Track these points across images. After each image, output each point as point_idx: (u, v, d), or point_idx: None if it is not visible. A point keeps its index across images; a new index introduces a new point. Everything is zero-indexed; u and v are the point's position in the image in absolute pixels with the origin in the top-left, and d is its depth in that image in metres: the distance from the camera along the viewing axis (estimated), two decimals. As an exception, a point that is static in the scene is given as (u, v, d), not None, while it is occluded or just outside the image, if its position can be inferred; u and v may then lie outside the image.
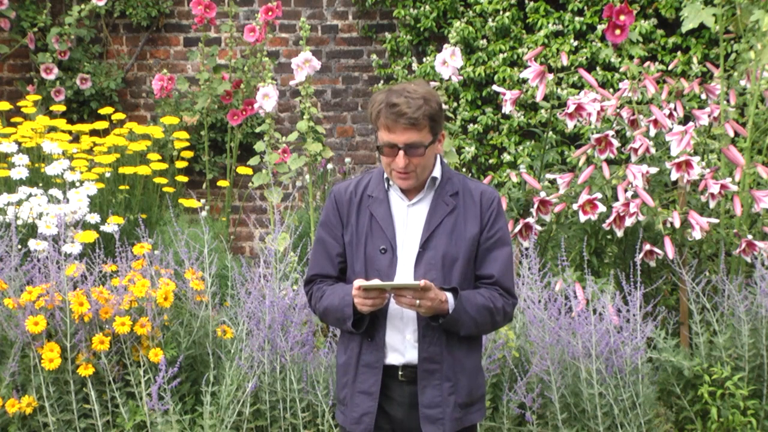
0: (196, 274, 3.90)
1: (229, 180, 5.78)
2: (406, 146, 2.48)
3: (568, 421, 3.56)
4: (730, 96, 4.26)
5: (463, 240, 2.57)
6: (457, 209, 2.60)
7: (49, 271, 3.72)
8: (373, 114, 2.52)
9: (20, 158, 4.79)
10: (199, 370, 3.83)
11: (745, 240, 3.92)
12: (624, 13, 4.12)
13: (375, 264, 2.57)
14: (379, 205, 2.61)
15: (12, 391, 3.60)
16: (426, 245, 2.56)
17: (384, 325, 2.57)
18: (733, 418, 3.65)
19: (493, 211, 2.62)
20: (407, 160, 2.49)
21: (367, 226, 2.60)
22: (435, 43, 6.25)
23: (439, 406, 2.56)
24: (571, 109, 4.18)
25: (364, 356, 2.58)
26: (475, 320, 2.54)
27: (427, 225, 2.57)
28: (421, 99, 2.48)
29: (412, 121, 2.46)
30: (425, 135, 2.50)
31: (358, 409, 2.58)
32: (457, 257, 2.56)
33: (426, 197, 2.61)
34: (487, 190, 2.66)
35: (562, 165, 5.33)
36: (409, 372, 2.57)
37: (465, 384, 2.60)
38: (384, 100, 2.48)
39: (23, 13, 6.22)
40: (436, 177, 2.60)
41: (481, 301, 2.55)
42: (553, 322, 3.57)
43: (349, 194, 2.66)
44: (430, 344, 2.55)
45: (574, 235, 4.31)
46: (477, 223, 2.59)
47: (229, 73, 5.75)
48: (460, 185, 2.63)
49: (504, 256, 2.61)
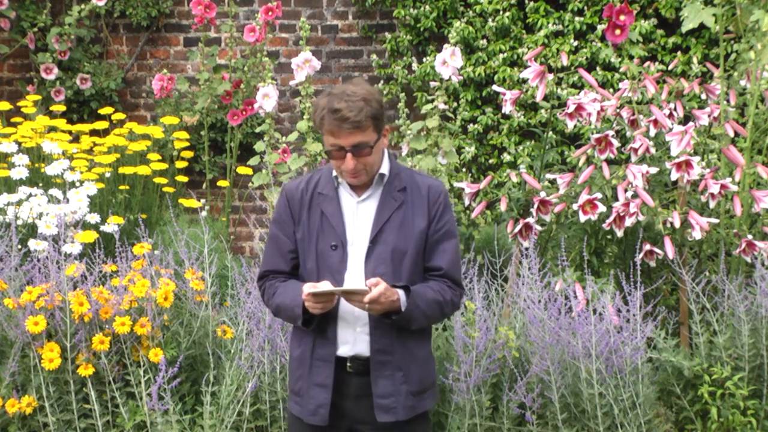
0: (196, 274, 3.90)
1: (229, 180, 5.78)
2: (353, 147, 2.56)
3: (568, 421, 3.56)
4: (730, 96, 4.26)
5: (411, 234, 2.65)
6: (405, 204, 2.68)
7: (49, 271, 3.72)
8: (317, 120, 2.59)
9: (20, 158, 4.79)
10: (199, 370, 3.83)
11: (745, 240, 3.92)
12: (624, 13, 4.12)
13: (326, 260, 2.64)
14: (330, 202, 2.69)
15: (12, 391, 3.60)
16: (376, 240, 2.64)
17: (335, 320, 2.64)
18: (733, 418, 3.65)
19: (440, 204, 2.70)
20: (355, 161, 2.57)
21: (318, 224, 2.68)
22: (435, 43, 6.25)
23: (392, 396, 2.64)
24: (571, 109, 4.18)
25: (318, 350, 2.66)
26: (426, 314, 2.63)
27: (377, 220, 2.65)
28: (362, 101, 2.56)
29: (356, 125, 2.53)
30: (370, 134, 2.58)
31: (314, 401, 2.66)
32: (406, 251, 2.64)
33: (375, 193, 2.69)
34: (434, 184, 2.74)
35: (562, 165, 5.33)
36: (357, 364, 2.65)
37: (416, 373, 2.69)
38: (326, 106, 2.56)
39: (23, 13, 6.23)
40: (384, 173, 2.68)
41: (432, 296, 2.64)
42: (553, 322, 3.57)
43: (300, 192, 2.74)
44: (382, 336, 2.63)
45: (574, 235, 4.31)
46: (425, 217, 2.68)
47: (229, 73, 5.75)
48: (408, 180, 2.72)
49: (451, 248, 2.71)
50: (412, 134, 4.58)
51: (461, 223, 4.93)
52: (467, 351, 3.54)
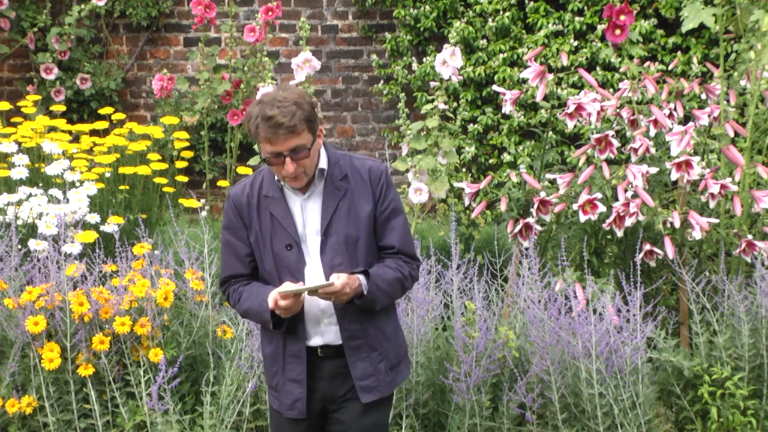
0: (196, 274, 3.91)
1: (229, 180, 5.78)
2: (291, 152, 2.57)
3: (568, 421, 3.56)
4: (730, 96, 4.26)
5: (360, 219, 2.69)
6: (348, 191, 2.71)
7: (49, 271, 3.72)
8: (252, 129, 2.59)
9: (20, 158, 4.79)
10: (199, 370, 3.83)
11: (745, 240, 3.92)
12: (624, 13, 4.12)
13: (284, 261, 2.68)
14: (277, 204, 2.71)
15: (12, 391, 3.60)
16: (327, 232, 2.67)
17: (303, 318, 2.68)
18: (733, 418, 3.65)
19: (382, 184, 2.74)
20: (295, 164, 2.59)
21: (269, 226, 2.71)
22: (435, 43, 6.26)
23: (372, 375, 2.71)
24: (571, 109, 4.18)
25: (289, 347, 2.71)
26: (388, 293, 2.69)
27: (324, 213, 2.68)
28: (294, 105, 2.56)
29: (290, 129, 2.54)
30: (306, 137, 2.59)
31: (291, 396, 2.72)
32: (358, 236, 2.68)
33: (318, 188, 2.71)
34: (374, 165, 2.77)
35: (562, 165, 5.33)
36: (327, 350, 2.70)
37: (390, 348, 2.76)
38: (259, 114, 2.56)
39: (23, 13, 6.23)
40: (323, 168, 2.71)
41: (391, 275, 2.69)
42: (553, 322, 3.57)
43: (246, 196, 2.77)
44: (351, 322, 2.68)
45: (574, 235, 4.31)
46: (370, 200, 2.72)
47: (229, 73, 5.76)
48: (348, 167, 2.74)
49: (400, 224, 2.75)
50: (412, 134, 4.59)
51: (461, 223, 4.93)
52: (467, 351, 3.54)
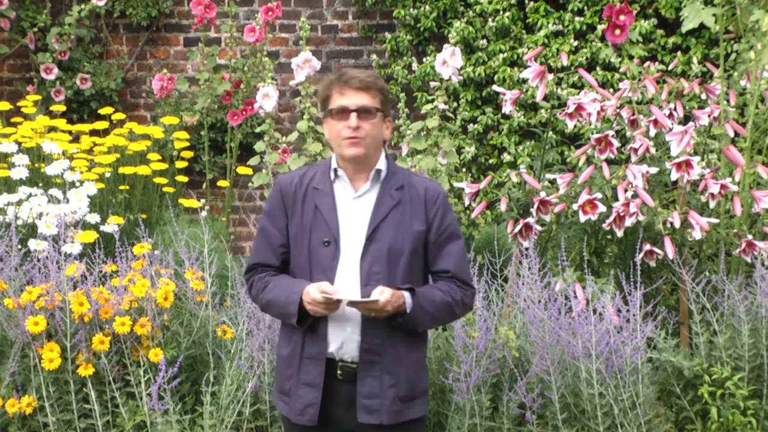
0: (196, 274, 3.90)
1: (229, 180, 5.78)
2: (358, 109, 2.55)
3: (568, 421, 3.56)
4: (730, 96, 4.26)
5: (408, 234, 2.60)
6: (402, 203, 2.63)
7: (49, 271, 3.72)
8: (325, 90, 2.61)
9: (20, 158, 4.79)
10: (199, 370, 3.83)
11: (745, 240, 3.92)
12: (624, 13, 4.12)
13: (318, 257, 2.59)
14: (324, 197, 2.64)
15: (12, 391, 3.60)
16: (372, 237, 2.58)
17: (326, 320, 2.59)
18: (733, 418, 3.64)
19: (439, 206, 2.66)
20: (358, 122, 2.54)
21: (311, 218, 2.63)
22: (435, 43, 6.25)
23: (377, 397, 2.58)
24: (571, 109, 4.18)
25: (308, 348, 2.60)
26: (434, 316, 2.59)
27: (373, 217, 2.60)
28: (373, 75, 2.60)
29: (364, 84, 2.55)
30: (375, 102, 2.58)
31: (303, 401, 2.60)
32: (402, 250, 2.59)
33: (371, 190, 2.64)
34: (432, 185, 2.70)
35: (562, 165, 5.33)
36: (347, 371, 2.60)
37: (406, 378, 2.63)
38: (336, 76, 2.61)
39: (23, 13, 6.23)
40: (380, 169, 2.64)
41: (440, 297, 2.59)
42: (553, 322, 3.57)
43: (294, 186, 2.69)
44: (373, 336, 2.58)
45: (574, 235, 4.31)
46: (422, 220, 2.63)
47: (229, 73, 5.75)
48: (405, 180, 2.68)
49: (457, 250, 2.67)
50: (412, 134, 4.58)
51: (461, 223, 4.93)
52: (467, 351, 3.54)
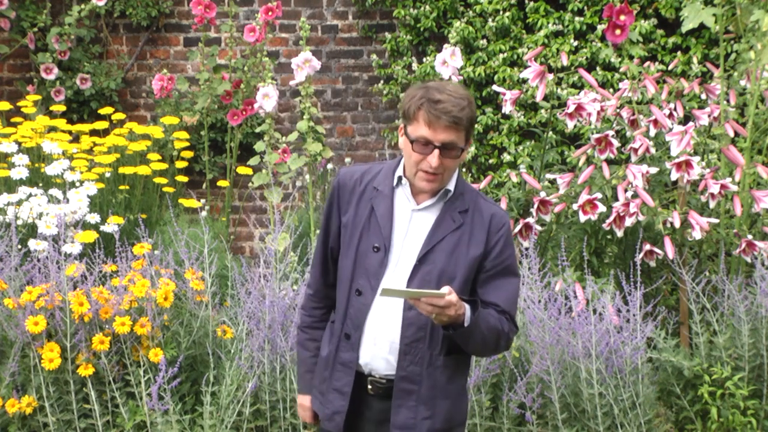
0: (196, 274, 3.90)
1: (229, 180, 5.78)
2: (443, 146, 2.35)
3: (568, 421, 3.56)
4: (730, 96, 4.26)
5: (464, 260, 2.45)
6: (463, 227, 2.46)
7: (49, 271, 3.72)
8: (412, 109, 2.38)
9: (20, 158, 4.79)
10: (199, 370, 3.83)
11: (745, 240, 3.92)
12: (624, 13, 4.12)
13: (365, 261, 2.45)
14: (383, 200, 2.48)
15: (12, 391, 3.60)
16: (424, 259, 2.44)
17: (362, 328, 2.47)
18: (733, 418, 3.65)
19: (501, 236, 2.48)
20: (440, 160, 2.36)
21: (365, 220, 2.48)
22: (435, 43, 6.25)
23: (410, 429, 2.46)
24: (571, 109, 4.18)
25: (341, 354, 2.50)
26: (485, 338, 2.42)
27: (429, 238, 2.45)
28: (465, 100, 2.37)
29: (455, 120, 2.34)
30: (461, 138, 2.38)
31: (331, 407, 2.52)
32: (454, 276, 2.44)
33: (434, 207, 2.48)
34: (498, 213, 2.52)
35: (562, 165, 5.33)
36: (377, 387, 2.49)
37: (444, 409, 2.49)
38: (425, 96, 2.37)
39: (23, 13, 6.23)
40: (449, 189, 2.48)
41: (494, 322, 2.42)
42: (553, 322, 3.57)
43: (354, 181, 2.54)
44: (411, 363, 2.44)
45: (574, 235, 4.31)
46: (481, 245, 2.47)
47: (229, 73, 5.75)
48: (472, 203, 2.50)
49: (511, 287, 2.50)
50: (412, 134, 4.57)
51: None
52: (467, 351, 3.54)
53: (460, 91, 2.39)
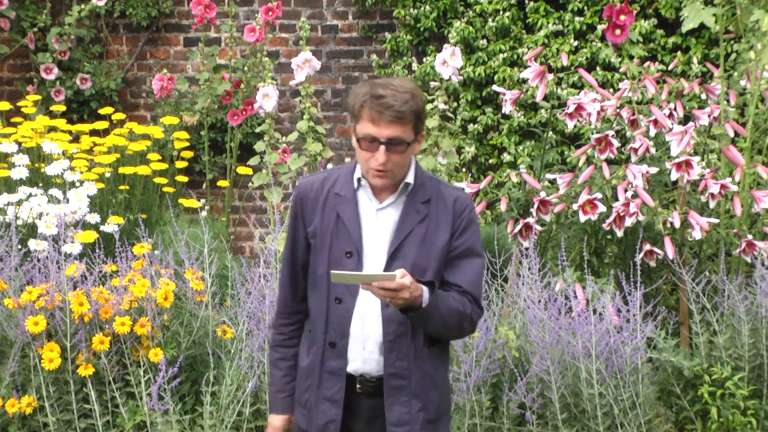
0: (196, 274, 3.90)
1: (229, 180, 5.78)
2: (388, 141, 2.38)
3: (568, 421, 3.56)
4: (730, 96, 4.26)
5: (433, 250, 2.48)
6: (428, 217, 2.49)
7: (49, 271, 3.72)
8: (356, 106, 2.40)
9: (20, 158, 4.79)
10: (199, 370, 3.83)
11: (745, 240, 3.92)
12: (624, 13, 4.12)
13: (339, 268, 2.45)
14: (347, 204, 2.50)
15: (12, 391, 3.60)
16: (395, 254, 2.46)
17: (347, 333, 2.47)
18: (733, 418, 3.65)
19: (464, 218, 2.52)
20: (387, 156, 2.39)
21: (332, 227, 2.49)
22: (435, 43, 6.25)
23: (407, 424, 2.47)
24: (571, 109, 4.18)
25: (329, 362, 2.49)
26: (445, 321, 2.44)
27: (397, 233, 2.47)
28: (408, 94, 2.38)
29: (398, 115, 2.35)
30: (408, 132, 2.40)
31: (324, 417, 2.50)
32: (426, 268, 2.46)
33: (397, 202, 2.51)
34: (461, 196, 2.56)
35: (562, 165, 5.33)
36: (366, 385, 2.50)
37: (434, 399, 2.53)
38: (369, 92, 2.38)
39: (23, 13, 6.23)
40: (409, 182, 2.50)
41: (454, 304, 2.45)
42: (553, 322, 3.57)
43: (314, 191, 2.54)
44: (397, 359, 2.46)
45: (574, 235, 4.31)
46: (448, 230, 2.50)
47: (229, 73, 5.75)
48: (434, 191, 2.53)
49: (474, 268, 2.53)
50: (412, 134, 4.57)
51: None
52: (467, 351, 3.54)
53: (405, 85, 2.40)
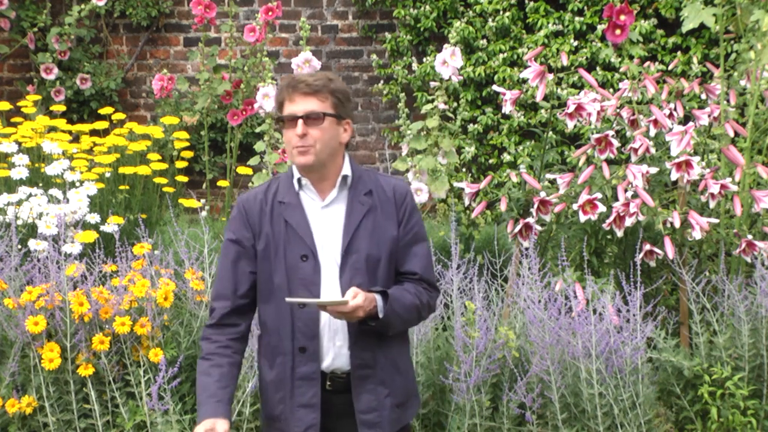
0: (196, 274, 3.91)
1: (229, 180, 5.78)
2: (306, 115, 2.46)
3: (568, 421, 3.56)
4: (730, 96, 4.26)
5: (384, 240, 2.54)
6: (373, 208, 2.55)
7: (49, 271, 3.72)
8: (278, 99, 2.52)
9: (20, 158, 4.79)
10: (199, 370, 3.82)
11: (745, 240, 3.92)
12: (624, 12, 4.12)
13: (298, 273, 2.49)
14: (293, 210, 2.53)
15: (12, 391, 3.60)
16: (348, 249, 2.50)
17: (318, 335, 2.51)
18: (733, 418, 3.65)
19: (407, 206, 2.59)
20: (306, 129, 2.45)
21: (283, 235, 2.52)
22: (435, 43, 6.26)
23: (375, 410, 2.53)
24: (571, 109, 4.18)
25: (300, 368, 2.51)
26: (404, 319, 2.54)
27: (347, 228, 2.51)
28: (324, 76, 2.50)
29: (313, 88, 2.46)
30: (326, 107, 2.48)
31: (301, 424, 2.51)
32: (380, 257, 2.53)
33: (339, 197, 2.56)
34: (399, 184, 2.63)
35: (562, 165, 5.33)
36: (336, 382, 2.53)
37: (400, 384, 2.59)
38: (285, 82, 2.51)
39: (23, 13, 6.23)
40: (347, 175, 2.56)
41: (409, 300, 2.53)
42: (553, 322, 3.57)
43: (259, 202, 2.57)
44: (363, 350, 2.51)
45: (574, 235, 4.31)
46: (394, 220, 2.57)
47: (229, 73, 5.76)
48: (373, 183, 2.60)
49: (423, 251, 2.61)
50: (412, 134, 4.58)
51: (461, 223, 4.93)
52: (467, 351, 3.54)
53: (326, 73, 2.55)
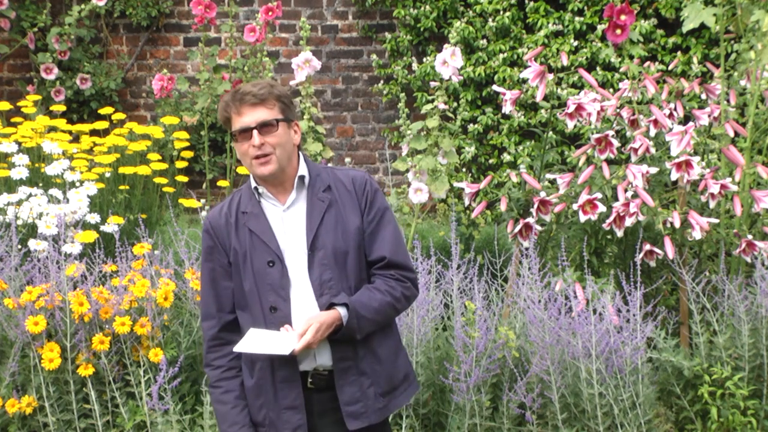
0: (196, 274, 3.90)
1: (229, 180, 5.78)
2: (259, 125, 2.49)
3: (568, 421, 3.56)
4: (730, 96, 4.26)
5: (349, 233, 2.55)
6: (334, 203, 2.57)
7: (49, 271, 3.72)
8: (225, 114, 2.54)
9: (20, 158, 4.79)
10: (199, 370, 3.83)
11: (745, 240, 3.92)
12: (625, 12, 4.12)
13: (266, 279, 2.52)
14: (255, 218, 2.57)
15: (12, 391, 3.60)
16: (314, 246, 2.52)
17: None
18: (733, 418, 3.65)
19: (368, 193, 2.61)
20: (262, 139, 2.48)
21: (248, 243, 2.56)
22: (435, 43, 6.26)
23: (359, 401, 2.54)
24: (571, 109, 4.18)
25: (280, 372, 2.53)
26: (375, 321, 2.53)
27: (309, 226, 2.54)
28: (266, 84, 2.53)
29: (260, 98, 2.49)
30: (276, 113, 2.51)
31: (289, 425, 2.53)
32: (347, 250, 2.54)
33: (299, 198, 2.58)
34: (357, 175, 2.64)
35: (562, 165, 5.33)
36: (318, 379, 2.54)
37: (383, 373, 2.59)
38: (230, 96, 2.55)
39: (23, 13, 6.23)
40: (303, 175, 2.58)
41: (378, 301, 2.53)
42: (553, 322, 3.57)
43: (224, 216, 2.62)
44: (342, 343, 2.52)
45: (574, 235, 4.31)
46: (357, 211, 2.58)
47: (229, 73, 5.75)
48: (331, 178, 2.62)
49: (390, 234, 2.60)
50: (412, 134, 4.58)
51: (461, 223, 4.93)
52: (467, 351, 3.54)
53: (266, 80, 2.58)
